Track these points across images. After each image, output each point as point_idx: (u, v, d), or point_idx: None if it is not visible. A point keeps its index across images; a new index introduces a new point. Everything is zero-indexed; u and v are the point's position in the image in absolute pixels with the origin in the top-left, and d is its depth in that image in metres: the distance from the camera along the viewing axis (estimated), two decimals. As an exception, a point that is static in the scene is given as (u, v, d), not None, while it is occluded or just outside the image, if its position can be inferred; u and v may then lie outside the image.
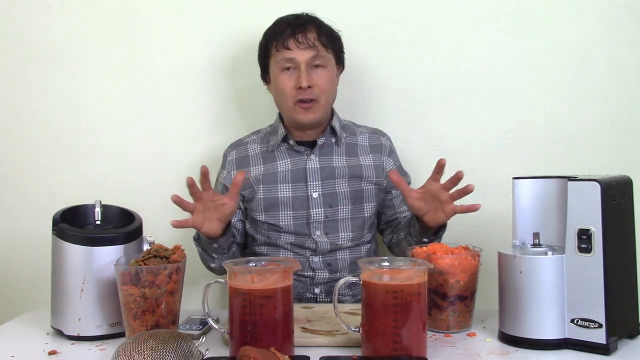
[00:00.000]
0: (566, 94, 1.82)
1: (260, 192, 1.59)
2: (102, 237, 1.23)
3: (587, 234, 1.08)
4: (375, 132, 1.70)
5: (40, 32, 1.91)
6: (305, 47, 1.54)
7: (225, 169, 1.66)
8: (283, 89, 1.56)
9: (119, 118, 1.91)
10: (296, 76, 1.54)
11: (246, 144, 1.67)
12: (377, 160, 1.65)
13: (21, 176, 1.93)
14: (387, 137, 1.70)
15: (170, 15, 1.89)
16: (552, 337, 1.11)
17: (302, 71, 1.53)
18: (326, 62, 1.57)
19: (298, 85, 1.53)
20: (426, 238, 1.45)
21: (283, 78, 1.56)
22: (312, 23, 1.57)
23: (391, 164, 1.66)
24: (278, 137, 1.62)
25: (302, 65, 1.54)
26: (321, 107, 1.57)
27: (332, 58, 1.60)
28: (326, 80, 1.57)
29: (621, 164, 1.80)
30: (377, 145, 1.67)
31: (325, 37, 1.57)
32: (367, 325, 1.07)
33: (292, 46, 1.54)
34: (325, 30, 1.59)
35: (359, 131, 1.70)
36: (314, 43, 1.55)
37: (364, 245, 1.64)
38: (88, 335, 1.22)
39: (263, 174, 1.60)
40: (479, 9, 1.83)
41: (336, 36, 1.62)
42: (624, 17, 1.80)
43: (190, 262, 1.28)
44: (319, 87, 1.55)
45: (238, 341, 1.06)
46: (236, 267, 1.11)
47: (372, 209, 1.62)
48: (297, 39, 1.54)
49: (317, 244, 1.57)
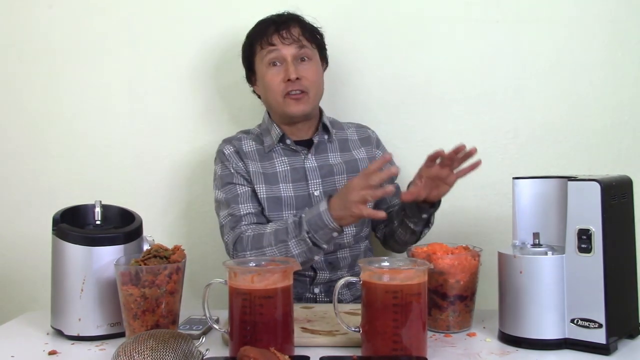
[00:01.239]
0: (566, 94, 1.83)
1: (262, 191, 1.57)
2: (102, 237, 1.23)
3: (587, 234, 1.08)
4: (360, 126, 1.72)
5: (40, 32, 1.91)
6: (290, 42, 1.55)
7: (229, 161, 1.59)
8: (270, 84, 1.56)
9: (119, 118, 1.91)
10: (284, 70, 1.55)
11: (240, 139, 1.64)
12: (369, 153, 1.67)
13: (21, 176, 1.93)
14: (372, 129, 1.73)
15: (171, 15, 1.89)
16: (552, 337, 1.11)
17: (290, 64, 1.54)
18: (311, 56, 1.59)
19: (287, 78, 1.53)
20: (425, 213, 1.45)
21: (270, 73, 1.56)
22: (294, 20, 1.59)
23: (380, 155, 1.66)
24: (273, 138, 1.61)
25: (288, 58, 1.55)
26: (311, 99, 1.57)
27: (317, 53, 1.62)
28: (314, 73, 1.58)
29: (621, 164, 1.80)
30: (366, 137, 1.69)
31: (308, 32, 1.59)
32: (367, 325, 1.07)
33: (276, 42, 1.55)
34: (309, 27, 1.61)
35: (345, 126, 1.71)
36: (298, 38, 1.56)
37: (362, 242, 1.64)
38: (88, 335, 1.22)
39: (262, 172, 1.59)
40: (479, 9, 1.83)
41: (319, 33, 1.64)
42: (624, 17, 1.80)
43: (190, 262, 1.28)
44: (307, 79, 1.56)
45: (238, 341, 1.06)
46: (236, 267, 1.11)
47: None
48: (281, 35, 1.55)
49: None
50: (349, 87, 1.84)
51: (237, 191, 1.56)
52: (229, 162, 1.60)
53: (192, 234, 1.88)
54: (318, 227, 1.36)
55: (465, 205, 1.84)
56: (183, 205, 1.90)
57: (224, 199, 1.57)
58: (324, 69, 1.67)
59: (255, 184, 1.58)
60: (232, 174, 1.58)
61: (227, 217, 1.55)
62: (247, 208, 1.54)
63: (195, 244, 1.87)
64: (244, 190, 1.57)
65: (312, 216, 1.37)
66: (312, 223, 1.37)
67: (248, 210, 1.54)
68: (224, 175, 1.59)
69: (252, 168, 1.59)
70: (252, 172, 1.58)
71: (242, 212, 1.54)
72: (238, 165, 1.59)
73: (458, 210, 1.84)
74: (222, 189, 1.58)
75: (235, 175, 1.58)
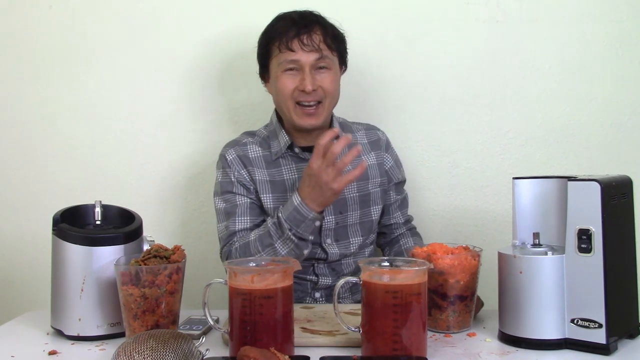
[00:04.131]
0: (566, 93, 1.83)
1: (269, 200, 1.53)
2: (102, 237, 1.23)
3: (587, 234, 1.08)
4: (369, 128, 1.68)
5: (40, 32, 1.91)
6: (310, 50, 1.47)
7: (231, 168, 1.55)
8: (283, 89, 1.49)
9: (119, 118, 1.91)
10: (300, 78, 1.48)
11: (245, 144, 1.58)
12: (378, 158, 1.63)
13: (21, 176, 1.93)
14: (381, 131, 1.69)
15: (170, 15, 1.89)
16: (552, 337, 1.11)
17: (307, 74, 1.47)
18: (331, 65, 1.51)
19: (301, 88, 1.47)
20: None
21: (284, 78, 1.49)
22: (317, 23, 1.51)
23: (389, 160, 1.65)
24: (280, 144, 1.56)
25: (306, 67, 1.47)
26: (325, 111, 1.52)
27: (337, 60, 1.54)
28: (331, 82, 1.50)
29: (621, 164, 1.80)
30: (375, 140, 1.65)
31: (330, 38, 1.51)
32: (367, 325, 1.07)
33: (296, 48, 1.47)
34: (331, 32, 1.52)
35: (355, 128, 1.67)
36: (319, 45, 1.48)
37: (367, 248, 1.63)
38: (88, 335, 1.22)
39: (269, 180, 1.55)
40: (479, 9, 1.83)
41: (341, 37, 1.56)
42: (624, 17, 1.80)
43: (190, 262, 1.28)
44: (323, 89, 1.49)
45: (238, 341, 1.06)
46: (236, 267, 1.11)
47: (378, 212, 1.62)
48: (302, 41, 1.47)
49: (328, 255, 1.55)
50: (349, 88, 1.84)
51: (236, 202, 1.53)
52: (231, 169, 1.55)
53: (192, 234, 1.88)
54: (299, 221, 1.36)
55: (465, 205, 1.84)
56: (183, 205, 1.90)
57: (223, 210, 1.54)
58: (342, 72, 1.60)
59: (261, 193, 1.54)
60: (233, 183, 1.54)
61: (223, 230, 1.54)
62: (243, 222, 1.52)
63: (195, 244, 1.87)
64: (243, 201, 1.53)
65: (289, 213, 1.37)
66: (292, 219, 1.36)
67: (243, 226, 1.51)
68: (224, 182, 1.56)
69: (258, 176, 1.54)
70: (258, 180, 1.54)
71: (237, 227, 1.51)
72: (240, 172, 1.54)
73: (458, 210, 1.84)
74: (222, 197, 1.56)
75: (236, 184, 1.54)
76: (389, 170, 1.64)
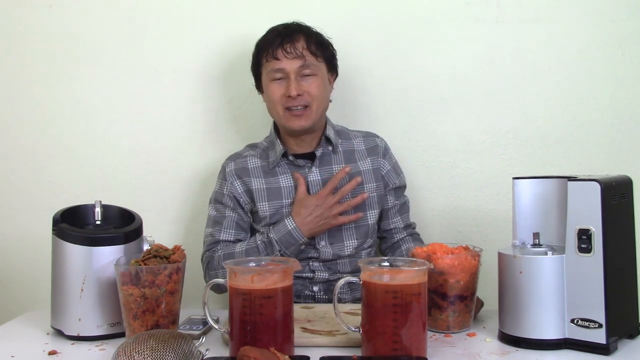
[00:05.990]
0: (566, 93, 1.83)
1: (265, 208, 1.59)
2: (102, 237, 1.23)
3: (587, 234, 1.08)
4: (368, 135, 1.70)
5: (40, 32, 1.91)
6: (294, 57, 1.54)
7: (227, 180, 1.63)
8: (273, 97, 1.57)
9: (119, 118, 1.91)
10: (286, 85, 1.55)
11: (245, 157, 1.66)
12: (374, 163, 1.65)
13: (21, 176, 1.93)
14: (380, 138, 1.70)
15: (171, 16, 1.89)
16: (552, 337, 1.11)
17: (292, 80, 1.54)
18: (316, 71, 1.57)
19: (287, 94, 1.54)
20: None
21: (273, 87, 1.57)
22: (300, 32, 1.57)
23: (386, 166, 1.66)
24: (277, 153, 1.61)
25: (291, 75, 1.54)
26: (313, 114, 1.57)
27: (323, 66, 1.60)
28: (316, 87, 1.56)
29: (621, 164, 1.80)
30: (373, 147, 1.67)
31: (314, 45, 1.57)
32: (367, 325, 1.07)
33: (280, 56, 1.54)
34: (315, 39, 1.59)
35: (353, 135, 1.69)
36: (302, 52, 1.54)
37: (364, 251, 1.64)
38: (88, 335, 1.22)
39: (266, 188, 1.60)
40: (479, 9, 1.83)
41: (326, 43, 1.62)
42: (624, 17, 1.80)
43: (190, 262, 1.28)
44: (309, 94, 1.55)
45: (238, 341, 1.06)
46: (236, 267, 1.11)
47: (375, 216, 1.62)
48: (285, 49, 1.54)
49: (320, 254, 1.57)
50: (349, 89, 1.84)
51: (225, 214, 1.62)
52: (226, 181, 1.64)
53: (192, 234, 1.88)
54: (289, 244, 1.51)
55: (465, 205, 1.84)
56: (183, 205, 1.90)
57: (212, 217, 1.64)
58: (334, 78, 1.66)
59: (258, 202, 1.59)
60: (224, 195, 1.63)
61: (208, 235, 1.63)
62: (228, 235, 1.61)
63: (195, 244, 1.86)
64: (230, 215, 1.62)
65: (281, 235, 1.51)
66: (284, 241, 1.51)
67: (227, 237, 1.60)
68: (218, 193, 1.65)
69: (256, 185, 1.61)
70: (255, 189, 1.60)
71: (221, 237, 1.61)
72: (234, 186, 1.62)
73: (458, 210, 1.84)
74: (214, 205, 1.65)
75: (227, 197, 1.62)
76: (385, 176, 1.65)
